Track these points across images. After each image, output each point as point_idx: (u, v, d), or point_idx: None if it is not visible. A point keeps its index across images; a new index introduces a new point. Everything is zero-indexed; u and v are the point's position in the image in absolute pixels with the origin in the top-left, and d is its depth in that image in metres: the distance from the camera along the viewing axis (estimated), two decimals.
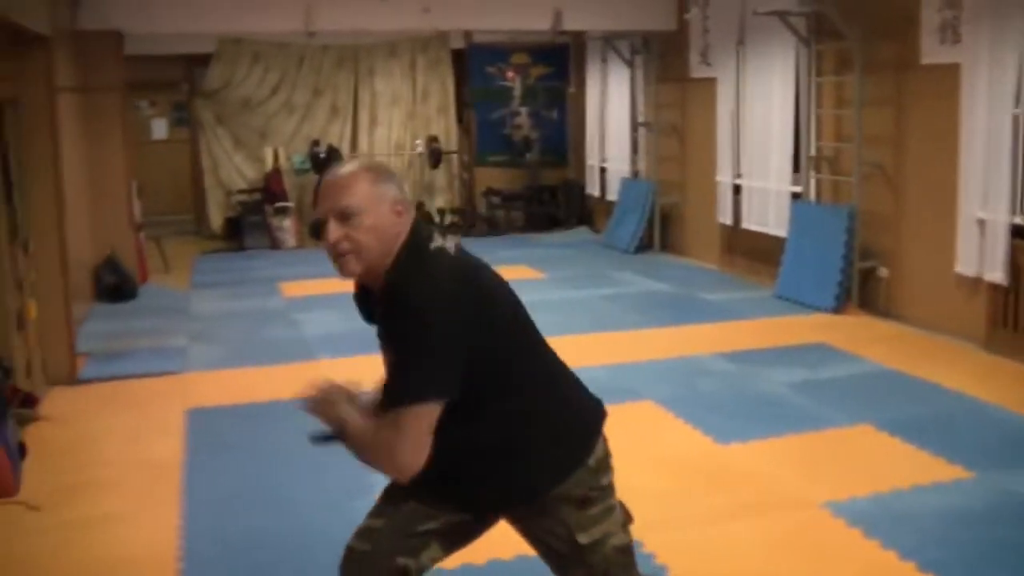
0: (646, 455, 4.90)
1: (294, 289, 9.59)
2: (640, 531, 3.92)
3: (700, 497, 4.38)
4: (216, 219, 13.46)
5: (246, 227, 12.51)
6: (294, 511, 4.30)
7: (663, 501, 4.34)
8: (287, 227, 12.57)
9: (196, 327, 8.03)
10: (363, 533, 2.50)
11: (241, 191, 13.10)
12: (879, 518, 4.06)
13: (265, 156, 13.16)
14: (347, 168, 2.35)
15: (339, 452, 2.42)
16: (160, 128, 15.75)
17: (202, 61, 13.25)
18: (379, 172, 2.36)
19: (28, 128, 6.17)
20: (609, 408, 5.75)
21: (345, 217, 2.28)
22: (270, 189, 12.82)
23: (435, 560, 2.48)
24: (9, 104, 5.91)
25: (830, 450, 4.93)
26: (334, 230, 2.29)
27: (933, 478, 4.49)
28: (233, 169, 13.47)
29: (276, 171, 12.96)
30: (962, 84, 6.72)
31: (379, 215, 2.29)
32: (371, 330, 2.40)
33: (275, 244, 12.46)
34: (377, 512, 2.51)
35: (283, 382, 6.28)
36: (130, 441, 5.30)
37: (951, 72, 6.83)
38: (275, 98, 13.45)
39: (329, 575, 3.62)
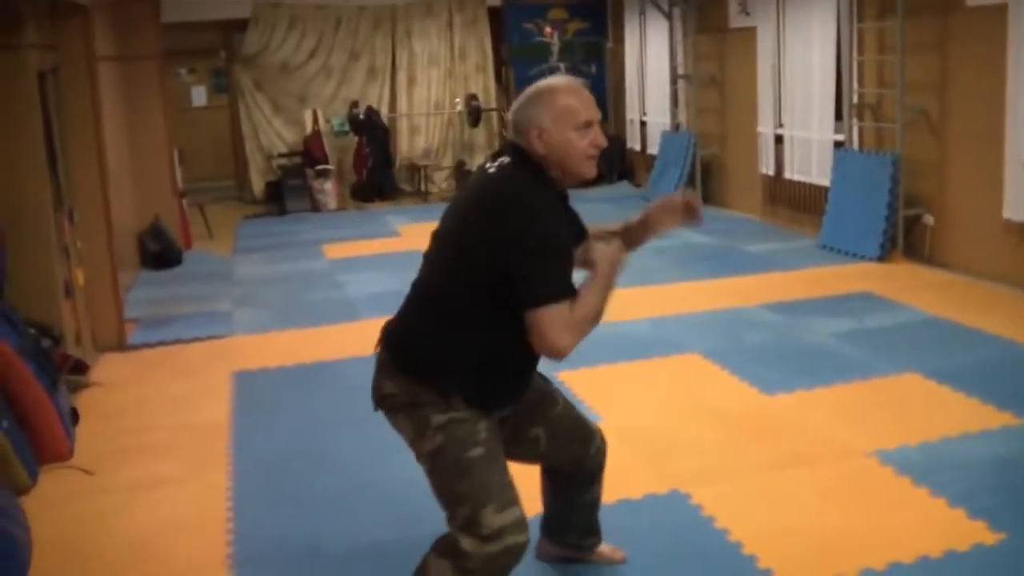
0: (692, 407, 4.90)
1: (337, 251, 9.64)
2: (687, 482, 3.97)
3: (747, 448, 4.37)
4: (258, 184, 13.53)
5: (287, 191, 12.54)
6: (341, 469, 4.35)
7: (710, 452, 4.34)
8: (328, 190, 12.60)
9: (240, 291, 8.11)
10: (522, 523, 2.59)
11: (281, 155, 13.15)
12: (928, 466, 4.03)
13: (304, 120, 13.19)
14: (580, 82, 2.73)
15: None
16: (200, 95, 15.81)
17: (239, 26, 13.26)
18: None
19: (69, 98, 6.21)
20: (655, 361, 5.82)
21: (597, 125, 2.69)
22: (310, 152, 12.85)
23: None
24: (50, 74, 5.95)
25: (877, 399, 4.89)
26: (601, 133, 2.69)
27: (982, 426, 4.44)
28: (273, 134, 13.52)
29: (316, 134, 12.98)
30: (1009, 25, 6.56)
31: None
32: None
33: (316, 207, 12.51)
34: (513, 498, 2.61)
35: (327, 343, 6.35)
36: (179, 405, 5.37)
37: (998, 14, 6.67)
38: (313, 61, 13.44)
39: (380, 530, 3.71)
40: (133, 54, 9.18)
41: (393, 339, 2.73)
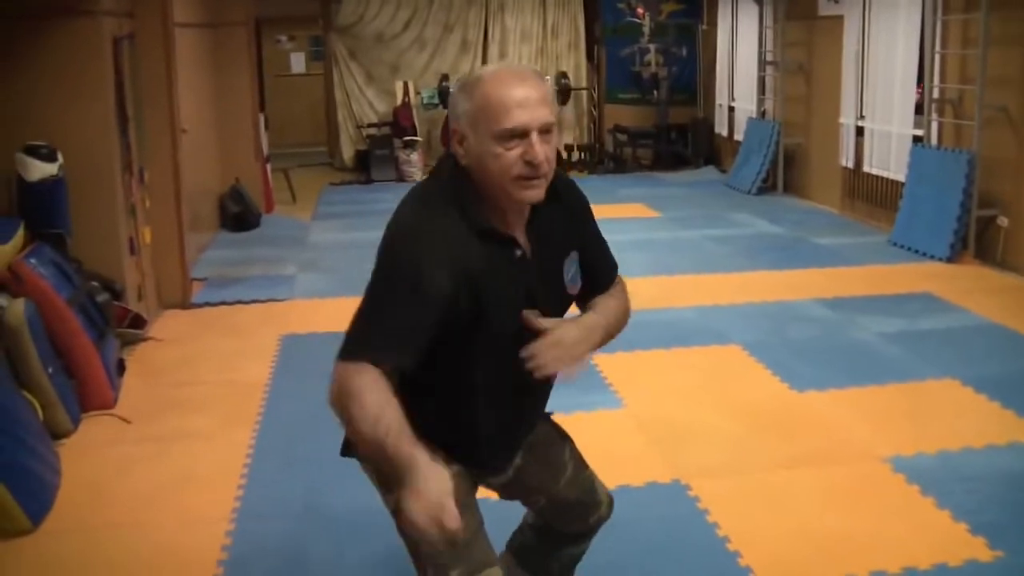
0: (718, 399, 4.89)
1: None
2: (691, 474, 4.00)
3: (762, 444, 4.35)
4: (348, 151, 13.79)
5: (374, 160, 12.74)
6: None
7: (723, 446, 4.34)
8: (414, 161, 12.75)
9: (309, 256, 8.30)
10: None
11: (371, 124, 13.36)
12: (942, 476, 3.96)
13: (396, 90, 13.37)
14: (525, 72, 2.03)
15: None
16: (299, 62, 16.15)
17: None
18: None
19: (144, 63, 6.42)
20: (693, 350, 5.76)
21: (545, 132, 1.97)
22: (399, 123, 13.02)
23: None
24: (126, 40, 6.17)
25: (908, 403, 4.81)
26: (541, 146, 1.96)
27: (1010, 438, 4.33)
28: (365, 103, 13.75)
29: (405, 105, 13.16)
30: None
31: (556, 131, 2.05)
32: None
33: (401, 177, 12.66)
34: (484, 559, 2.19)
35: None
36: (224, 363, 5.56)
37: None
38: (407, 33, 13.63)
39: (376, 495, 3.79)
40: (221, 20, 9.41)
41: None
